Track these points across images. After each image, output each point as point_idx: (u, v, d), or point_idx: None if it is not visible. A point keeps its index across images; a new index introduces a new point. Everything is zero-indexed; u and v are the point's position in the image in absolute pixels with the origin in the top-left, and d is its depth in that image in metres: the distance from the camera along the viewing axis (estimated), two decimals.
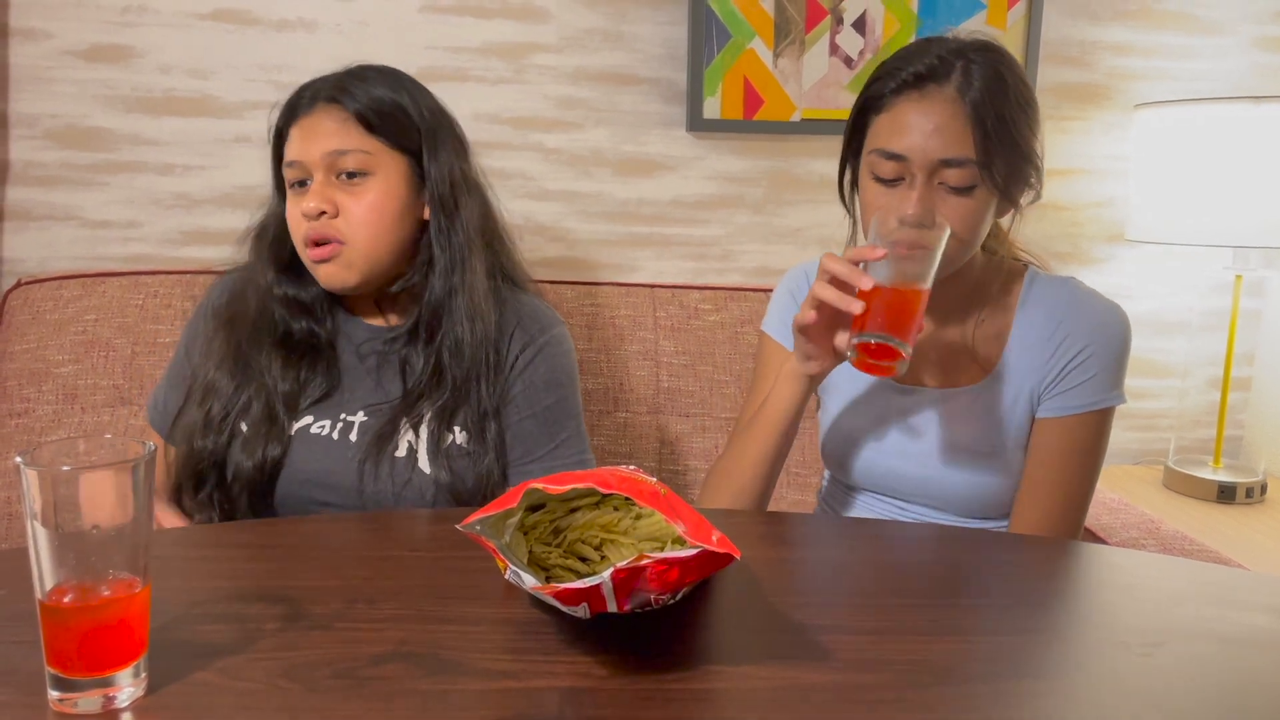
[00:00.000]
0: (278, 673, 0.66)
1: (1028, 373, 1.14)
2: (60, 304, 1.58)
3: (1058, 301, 1.15)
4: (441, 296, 1.18)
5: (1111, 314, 1.14)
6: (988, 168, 1.03)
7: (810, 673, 0.68)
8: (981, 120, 1.02)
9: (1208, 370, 2.09)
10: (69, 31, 1.71)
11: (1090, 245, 2.02)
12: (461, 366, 1.16)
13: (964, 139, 1.02)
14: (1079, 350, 1.12)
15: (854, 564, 0.91)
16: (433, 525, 0.97)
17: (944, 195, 1.04)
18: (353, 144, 1.14)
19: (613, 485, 0.74)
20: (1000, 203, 1.09)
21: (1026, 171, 1.08)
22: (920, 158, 1.03)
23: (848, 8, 1.85)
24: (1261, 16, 1.97)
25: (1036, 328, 1.15)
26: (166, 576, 0.81)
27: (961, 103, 1.03)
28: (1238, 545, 1.64)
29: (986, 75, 1.03)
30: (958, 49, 1.05)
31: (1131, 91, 1.97)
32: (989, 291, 1.18)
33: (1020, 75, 1.08)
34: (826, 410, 1.28)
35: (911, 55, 1.06)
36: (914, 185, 1.04)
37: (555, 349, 1.23)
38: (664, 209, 1.91)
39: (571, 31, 1.83)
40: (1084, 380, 1.12)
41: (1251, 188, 1.71)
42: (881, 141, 1.06)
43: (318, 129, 1.15)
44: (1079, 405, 1.13)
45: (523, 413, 1.20)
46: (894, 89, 1.06)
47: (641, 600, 0.69)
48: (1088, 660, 0.71)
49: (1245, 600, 0.83)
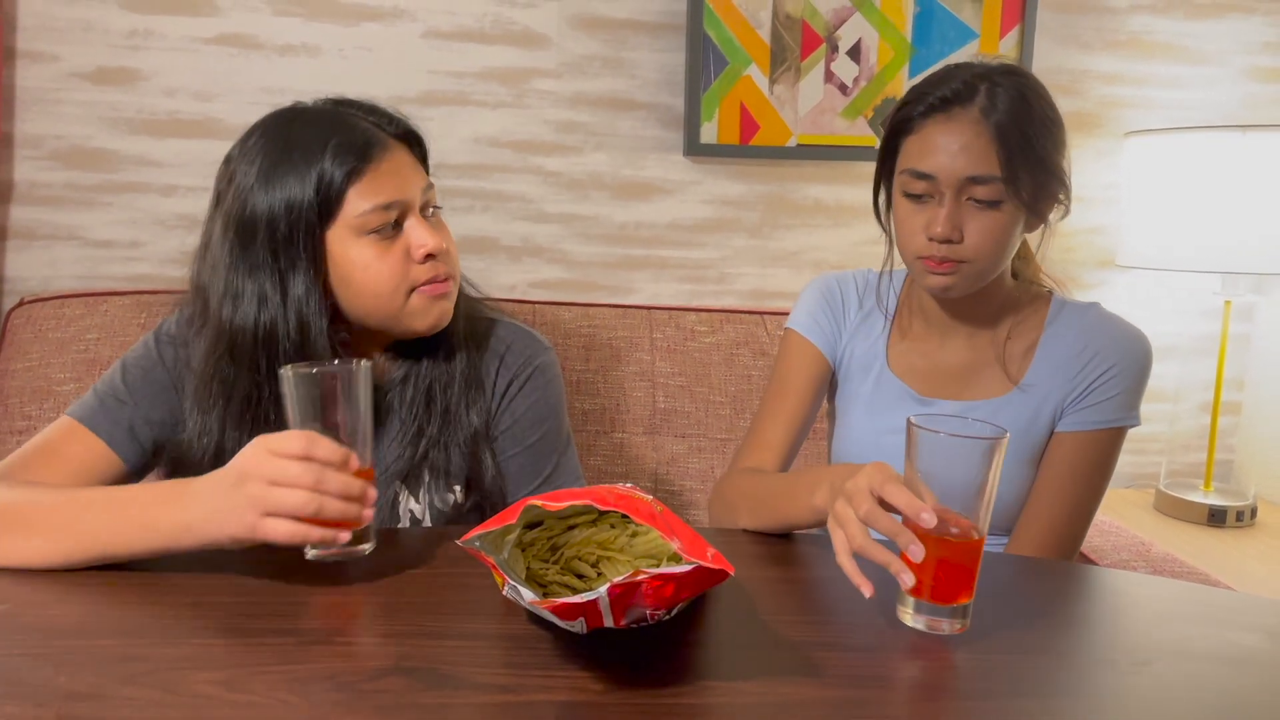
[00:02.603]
0: (278, 686, 0.67)
1: (1053, 389, 1.17)
2: (62, 323, 1.59)
3: (1086, 322, 1.19)
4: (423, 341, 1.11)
5: (1137, 337, 1.18)
6: (1013, 184, 1.07)
7: (803, 689, 0.69)
8: (1005, 138, 1.06)
9: (1198, 395, 2.11)
10: (75, 54, 1.74)
11: (1082, 270, 2.04)
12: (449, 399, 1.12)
13: (989, 157, 1.06)
14: (1107, 368, 1.15)
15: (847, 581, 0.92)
16: (431, 542, 0.98)
17: (972, 211, 1.09)
18: None
19: (610, 502, 0.75)
20: (1029, 219, 1.12)
21: (1052, 187, 1.12)
22: (947, 176, 1.08)
23: (843, 36, 1.88)
24: (1251, 47, 2.01)
25: (1065, 345, 1.18)
26: (168, 592, 0.82)
27: (986, 123, 1.07)
28: (1228, 568, 1.65)
29: (1010, 96, 1.08)
30: (983, 73, 1.10)
31: (1122, 119, 2.00)
32: (1017, 312, 1.21)
33: (1044, 96, 1.11)
34: (844, 420, 1.29)
35: (939, 81, 1.11)
36: (943, 203, 1.08)
37: (540, 379, 1.18)
38: (661, 232, 1.93)
39: (571, 57, 1.86)
40: (1107, 398, 1.15)
41: (1241, 215, 1.74)
42: (912, 162, 1.11)
43: (404, 165, 1.05)
44: (1098, 421, 1.15)
45: (508, 451, 1.16)
46: (922, 112, 1.10)
47: (637, 615, 0.71)
48: (1078, 679, 0.72)
49: (1234, 620, 0.85)
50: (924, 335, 1.24)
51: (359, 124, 1.04)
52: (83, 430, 1.03)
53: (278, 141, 1.01)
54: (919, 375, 1.23)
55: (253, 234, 1.00)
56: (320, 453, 0.81)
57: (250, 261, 1.00)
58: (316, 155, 0.99)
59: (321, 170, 0.99)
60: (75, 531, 0.86)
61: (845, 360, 1.29)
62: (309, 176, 0.99)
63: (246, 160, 1.02)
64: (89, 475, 1.01)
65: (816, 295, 1.31)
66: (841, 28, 1.87)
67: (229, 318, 1.01)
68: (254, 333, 1.00)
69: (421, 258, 1.04)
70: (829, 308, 1.29)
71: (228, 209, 1.02)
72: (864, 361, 1.26)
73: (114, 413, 1.05)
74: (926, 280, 1.13)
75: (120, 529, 0.85)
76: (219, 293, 1.02)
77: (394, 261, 1.03)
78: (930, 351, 1.24)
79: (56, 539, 0.86)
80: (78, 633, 0.75)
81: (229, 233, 1.01)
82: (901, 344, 1.26)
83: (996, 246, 1.10)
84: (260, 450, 0.81)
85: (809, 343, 1.28)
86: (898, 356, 1.25)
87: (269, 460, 0.81)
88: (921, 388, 1.23)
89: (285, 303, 1.00)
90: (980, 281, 1.13)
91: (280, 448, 0.81)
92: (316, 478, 0.80)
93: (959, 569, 0.78)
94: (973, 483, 0.76)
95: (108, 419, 1.04)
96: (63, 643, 0.72)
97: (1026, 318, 1.21)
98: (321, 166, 0.99)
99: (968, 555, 0.78)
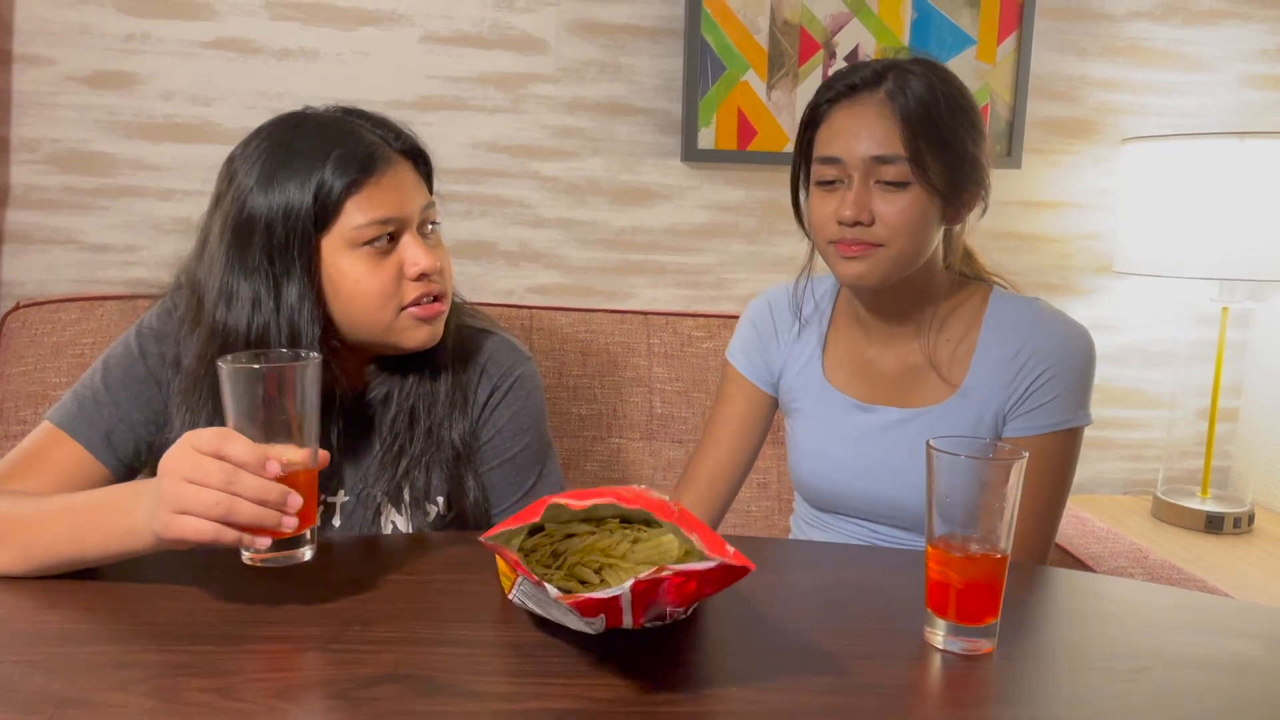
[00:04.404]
0: (273, 694, 0.67)
1: (992, 393, 1.14)
2: (58, 327, 1.59)
3: (1021, 322, 1.15)
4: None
5: (1075, 335, 1.14)
6: (919, 164, 1.06)
7: (800, 696, 0.69)
8: (909, 118, 1.06)
9: (1195, 401, 2.11)
10: (73, 58, 1.73)
11: (1079, 277, 2.04)
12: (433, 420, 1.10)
13: (892, 136, 1.07)
14: (1043, 371, 1.12)
15: (844, 589, 0.92)
16: (426, 549, 0.98)
17: (879, 193, 1.08)
18: None
19: (633, 501, 0.76)
20: (945, 209, 1.10)
21: (966, 176, 1.10)
22: (851, 156, 1.08)
23: (840, 41, 1.88)
24: (1247, 55, 2.01)
25: (1000, 347, 1.15)
26: (160, 597, 0.82)
27: (891, 104, 1.07)
28: (1225, 575, 1.65)
29: (917, 82, 1.08)
30: (892, 63, 1.10)
31: (1119, 126, 2.01)
32: (951, 309, 1.18)
33: (955, 84, 1.11)
34: (793, 435, 1.28)
35: (847, 71, 1.12)
36: (851, 186, 1.08)
37: (520, 390, 1.16)
38: (658, 237, 1.93)
39: (569, 63, 1.86)
40: (1048, 400, 1.12)
41: (1237, 221, 1.74)
42: (820, 149, 1.11)
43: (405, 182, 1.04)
44: (1044, 426, 1.12)
45: (490, 463, 1.15)
46: (829, 99, 1.11)
47: (657, 613, 0.71)
48: (1074, 685, 0.72)
49: (1231, 627, 0.84)
50: (859, 341, 1.22)
51: (364, 135, 1.02)
52: (63, 436, 1.02)
53: (281, 146, 1.00)
54: (858, 382, 1.21)
55: (249, 236, 0.99)
56: (232, 452, 0.77)
57: (246, 264, 0.99)
58: (318, 163, 0.98)
59: (322, 179, 0.98)
60: (39, 542, 0.86)
61: (783, 380, 1.27)
62: (309, 184, 0.98)
63: (248, 162, 1.01)
64: (73, 481, 1.00)
65: (746, 322, 1.31)
66: (839, 33, 1.87)
67: (222, 319, 1.00)
68: (246, 335, 0.99)
69: (414, 276, 1.02)
70: (757, 335, 1.29)
71: (226, 209, 1.01)
72: (802, 378, 1.25)
73: (92, 416, 1.03)
74: (840, 269, 1.12)
75: (78, 536, 0.85)
76: (214, 293, 1.00)
77: (386, 277, 1.01)
78: (866, 357, 1.22)
79: (23, 550, 0.86)
80: (70, 639, 0.74)
81: (226, 233, 1.00)
82: (837, 352, 1.24)
83: (909, 228, 1.08)
84: (183, 445, 0.79)
85: (742, 376, 1.29)
86: (834, 366, 1.24)
87: (188, 455, 0.77)
88: (862, 394, 1.21)
89: (279, 308, 0.99)
90: (896, 269, 1.10)
91: (199, 443, 0.78)
92: (228, 478, 0.76)
93: (984, 588, 0.77)
94: (993, 501, 0.76)
95: (86, 424, 1.03)
96: (55, 649, 0.72)
97: (962, 316, 1.18)
98: (322, 175, 0.98)
99: (991, 574, 0.77)
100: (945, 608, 0.77)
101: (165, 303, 1.10)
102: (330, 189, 0.98)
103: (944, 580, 0.77)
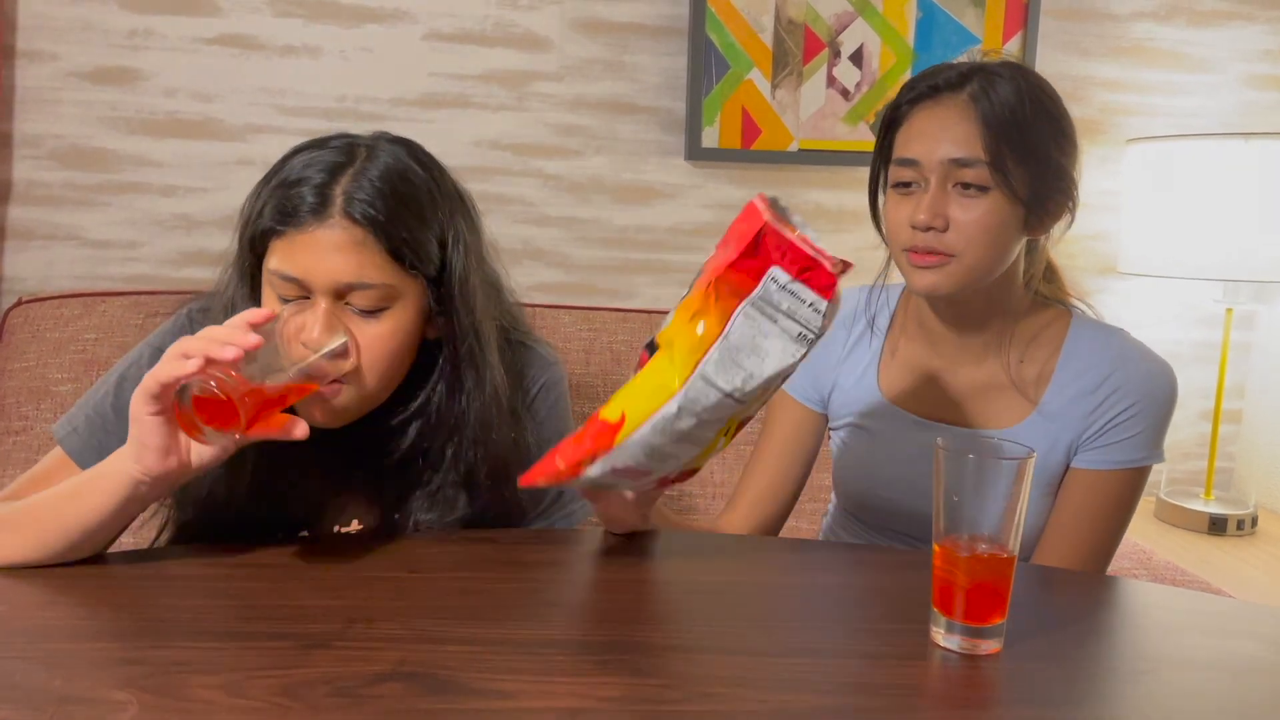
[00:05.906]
0: (277, 691, 0.66)
1: (1069, 423, 1.09)
2: (60, 323, 1.58)
3: (1107, 353, 1.10)
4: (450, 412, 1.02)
5: (1160, 372, 1.10)
6: (1000, 170, 1.00)
7: (807, 696, 0.69)
8: (991, 121, 1.01)
9: (1199, 402, 2.10)
10: (75, 54, 1.73)
11: (1083, 277, 2.04)
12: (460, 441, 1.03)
13: (972, 139, 1.01)
14: (1127, 406, 1.08)
15: (850, 588, 0.91)
16: (432, 546, 0.97)
17: (957, 198, 1.02)
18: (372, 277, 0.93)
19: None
20: (1027, 219, 1.04)
21: (1050, 185, 1.04)
22: (929, 159, 1.03)
23: (845, 41, 1.88)
24: (1251, 55, 2.01)
25: (1082, 378, 1.10)
26: (165, 595, 0.82)
27: (973, 107, 1.02)
28: (1228, 576, 1.65)
29: (1003, 85, 1.02)
30: (979, 65, 1.05)
31: (1123, 126, 2.00)
32: (1030, 331, 1.13)
33: (1044, 90, 1.05)
34: (843, 444, 1.22)
35: (931, 72, 1.06)
36: (928, 189, 1.03)
37: (546, 397, 1.12)
38: (662, 236, 1.93)
39: (572, 61, 1.86)
40: (1127, 437, 1.08)
41: (1242, 222, 1.73)
42: (898, 151, 1.06)
43: (329, 248, 0.93)
44: (1118, 461, 1.08)
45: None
46: (911, 100, 1.06)
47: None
48: (1078, 687, 0.72)
49: (1235, 629, 0.84)
50: (924, 353, 1.16)
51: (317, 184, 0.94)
52: (73, 466, 0.99)
53: (282, 160, 0.99)
54: (920, 398, 1.15)
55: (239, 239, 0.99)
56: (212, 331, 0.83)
57: (240, 267, 1.00)
58: (273, 192, 0.95)
59: (264, 209, 0.94)
60: (46, 521, 0.87)
61: (835, 395, 1.21)
62: (262, 207, 0.95)
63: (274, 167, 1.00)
64: None
65: None
66: (844, 33, 1.87)
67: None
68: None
69: (297, 344, 0.91)
70: None
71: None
72: (856, 391, 1.19)
73: (103, 444, 0.98)
74: (913, 279, 1.06)
75: (79, 504, 0.87)
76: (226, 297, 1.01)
77: (286, 334, 0.92)
78: (931, 371, 1.15)
79: (36, 534, 0.87)
80: (73, 635, 0.74)
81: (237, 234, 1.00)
82: (897, 365, 1.17)
83: (986, 238, 1.02)
84: None
85: (788, 395, 1.22)
86: (892, 379, 1.17)
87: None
88: (926, 411, 1.14)
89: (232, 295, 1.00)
90: (972, 280, 1.04)
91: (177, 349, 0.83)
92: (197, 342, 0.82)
93: (991, 588, 0.77)
94: (1002, 503, 0.76)
95: (95, 453, 0.97)
96: (57, 645, 0.72)
97: (1039, 336, 1.12)
98: (265, 205, 0.95)
99: (999, 574, 0.77)
100: (952, 608, 0.77)
101: (179, 318, 1.09)
102: (261, 220, 0.95)
103: (951, 580, 0.77)
